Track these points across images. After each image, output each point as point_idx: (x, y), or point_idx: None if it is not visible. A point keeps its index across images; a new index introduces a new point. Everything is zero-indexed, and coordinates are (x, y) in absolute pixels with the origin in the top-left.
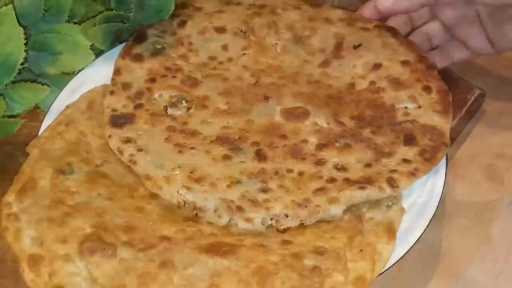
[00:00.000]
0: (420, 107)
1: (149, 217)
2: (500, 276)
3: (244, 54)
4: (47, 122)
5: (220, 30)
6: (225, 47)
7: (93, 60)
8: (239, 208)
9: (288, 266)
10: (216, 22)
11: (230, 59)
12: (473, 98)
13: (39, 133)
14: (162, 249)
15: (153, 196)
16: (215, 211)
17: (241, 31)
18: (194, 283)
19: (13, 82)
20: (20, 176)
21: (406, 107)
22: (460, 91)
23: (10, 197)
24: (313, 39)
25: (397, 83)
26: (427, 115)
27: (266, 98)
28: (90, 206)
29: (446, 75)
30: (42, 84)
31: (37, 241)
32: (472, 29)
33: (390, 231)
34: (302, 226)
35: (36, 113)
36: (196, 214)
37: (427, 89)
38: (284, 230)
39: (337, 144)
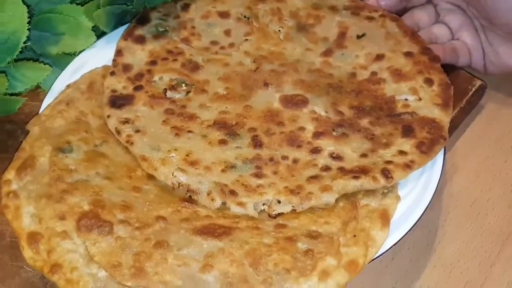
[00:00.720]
0: (420, 99)
1: (146, 197)
2: (494, 266)
3: (247, 40)
4: (47, 101)
5: (224, 15)
6: (227, 32)
7: (95, 42)
8: (232, 192)
9: (281, 249)
10: (220, 6)
11: (232, 45)
12: (474, 89)
13: (40, 112)
14: (158, 229)
15: (151, 177)
16: (208, 194)
17: (245, 16)
18: (188, 263)
19: (15, 61)
20: (20, 153)
21: (406, 99)
22: (461, 81)
23: (10, 174)
24: (317, 28)
25: (398, 74)
26: (427, 108)
27: (266, 85)
28: (88, 184)
29: (448, 66)
30: (44, 64)
31: (35, 218)
32: (472, 42)
33: (385, 218)
34: (296, 211)
35: (37, 92)
36: (190, 196)
37: (429, 82)
38: (276, 216)
39: (334, 133)
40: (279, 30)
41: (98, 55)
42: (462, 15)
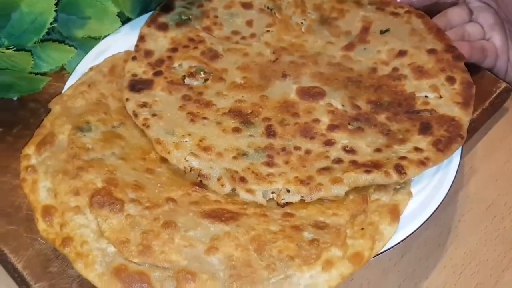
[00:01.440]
0: (441, 97)
1: (158, 179)
2: (506, 271)
3: (268, 31)
4: (70, 82)
5: (247, 5)
6: (249, 23)
7: (120, 27)
8: (242, 179)
9: (287, 237)
10: None
11: (253, 35)
12: (498, 91)
13: (62, 92)
14: (167, 210)
15: (164, 160)
16: (218, 179)
17: (268, 8)
18: (194, 245)
19: (41, 41)
20: (41, 130)
21: (426, 96)
22: (485, 83)
23: (29, 149)
24: (340, 21)
25: (420, 71)
26: (447, 106)
27: (284, 76)
28: (103, 163)
29: (472, 66)
30: (69, 46)
31: (51, 193)
32: (501, 44)
33: (394, 213)
34: (305, 201)
35: (62, 74)
36: (201, 181)
37: (451, 80)
38: (284, 205)
39: (350, 127)
40: (302, 23)
41: (121, 40)
42: (494, 14)
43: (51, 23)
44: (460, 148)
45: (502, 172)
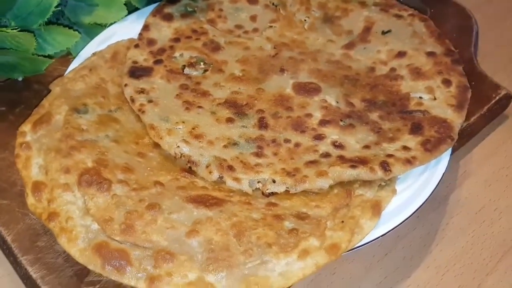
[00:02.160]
0: (435, 99)
1: (149, 163)
2: (490, 275)
3: (271, 26)
4: (73, 65)
5: (252, 1)
6: (253, 18)
7: (126, 16)
8: (230, 168)
9: (267, 225)
10: None
11: (255, 30)
12: (497, 97)
13: (65, 75)
14: (154, 193)
15: (156, 145)
16: (207, 166)
17: (273, 4)
18: (176, 227)
19: (47, 24)
20: (39, 109)
21: (421, 97)
22: (485, 88)
23: (26, 126)
24: (343, 21)
25: (417, 73)
26: (440, 108)
27: (282, 71)
28: (96, 144)
29: (474, 71)
30: (75, 31)
31: (43, 170)
32: None
33: (376, 208)
34: (290, 192)
35: (68, 59)
36: (190, 167)
37: (447, 83)
38: (269, 195)
39: (341, 123)
40: (305, 20)
41: (127, 28)
42: None
43: (58, 7)
44: (449, 149)
45: (496, 178)
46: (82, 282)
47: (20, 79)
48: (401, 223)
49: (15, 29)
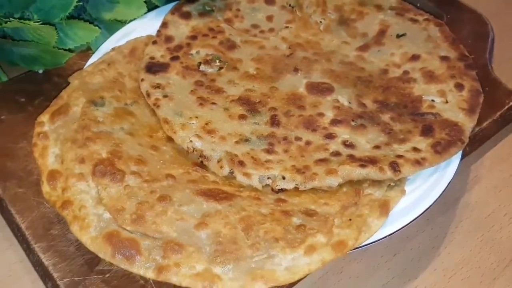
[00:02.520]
0: (447, 102)
1: (162, 156)
2: (497, 280)
3: (287, 27)
4: (92, 60)
5: (270, 1)
6: (270, 18)
7: (146, 13)
8: (241, 163)
9: (275, 220)
10: None
11: (271, 30)
12: (511, 103)
13: (84, 68)
14: (165, 185)
15: (170, 139)
16: (218, 161)
17: (290, 5)
18: (185, 219)
19: (68, 19)
20: (58, 100)
21: (433, 100)
22: (499, 94)
23: (44, 117)
24: (358, 23)
25: (430, 76)
26: (452, 111)
27: (296, 70)
28: (111, 136)
29: (488, 77)
30: (95, 26)
31: (59, 159)
32: None
33: (384, 208)
34: (299, 189)
35: (87, 53)
36: (202, 162)
37: (459, 87)
38: (278, 191)
39: (353, 123)
40: (321, 22)
41: (146, 25)
42: None
43: (80, 2)
44: (460, 152)
45: (507, 183)
46: (92, 271)
47: (40, 71)
48: (408, 224)
49: (38, 22)
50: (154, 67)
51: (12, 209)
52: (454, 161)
